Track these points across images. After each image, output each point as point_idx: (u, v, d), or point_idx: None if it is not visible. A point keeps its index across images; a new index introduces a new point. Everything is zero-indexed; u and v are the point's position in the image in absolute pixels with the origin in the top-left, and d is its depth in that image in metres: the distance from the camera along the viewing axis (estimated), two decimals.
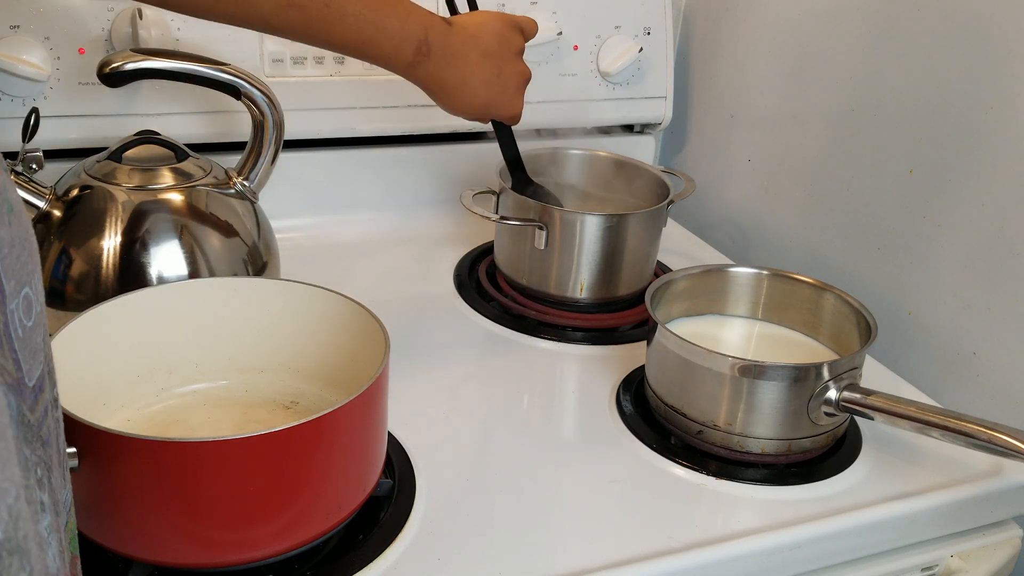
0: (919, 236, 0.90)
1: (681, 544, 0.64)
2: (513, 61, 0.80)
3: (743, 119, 1.13)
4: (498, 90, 0.79)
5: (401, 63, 0.72)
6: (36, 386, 0.34)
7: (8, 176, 0.33)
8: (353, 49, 0.70)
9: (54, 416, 0.36)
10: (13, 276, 0.32)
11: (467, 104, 0.78)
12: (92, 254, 0.76)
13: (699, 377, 0.71)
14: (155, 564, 0.56)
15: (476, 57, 0.76)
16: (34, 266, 0.34)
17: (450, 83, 0.75)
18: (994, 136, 0.82)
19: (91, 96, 0.90)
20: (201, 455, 0.52)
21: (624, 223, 0.91)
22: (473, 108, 0.79)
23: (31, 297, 0.34)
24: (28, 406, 0.33)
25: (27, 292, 0.33)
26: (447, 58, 0.74)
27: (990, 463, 0.73)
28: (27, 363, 0.33)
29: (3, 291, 0.32)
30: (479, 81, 0.77)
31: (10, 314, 0.32)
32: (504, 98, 0.80)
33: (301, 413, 0.68)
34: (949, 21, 0.85)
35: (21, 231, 0.33)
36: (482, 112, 0.80)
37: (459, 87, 0.76)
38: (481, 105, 0.79)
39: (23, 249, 0.33)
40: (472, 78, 0.76)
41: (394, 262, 1.02)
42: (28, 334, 0.33)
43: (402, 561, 0.60)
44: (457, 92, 0.76)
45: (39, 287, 0.35)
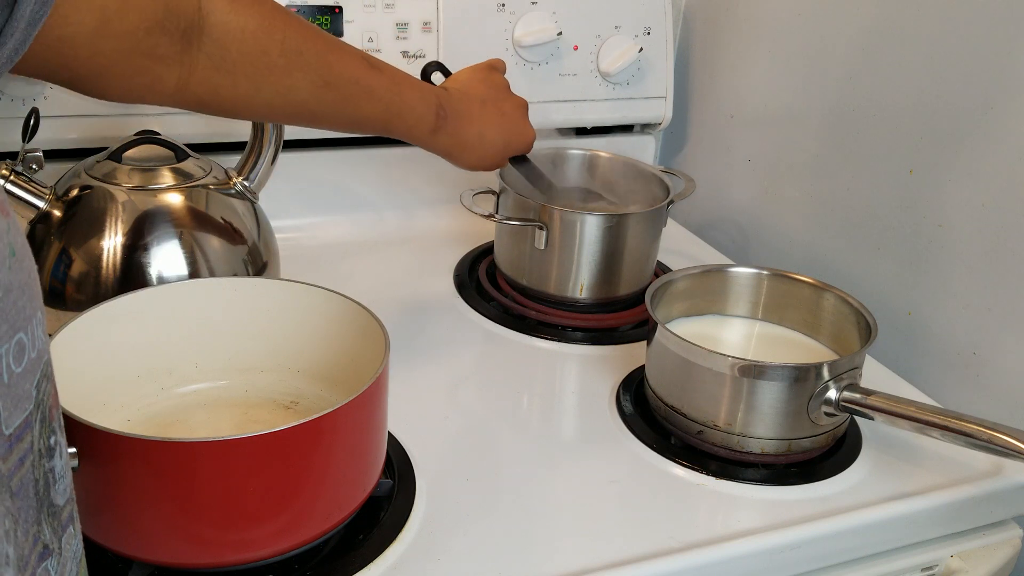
0: (919, 236, 0.90)
1: (681, 544, 0.64)
2: (507, 97, 0.84)
3: (743, 119, 1.13)
4: (509, 128, 0.83)
5: (425, 131, 0.76)
6: (13, 435, 0.33)
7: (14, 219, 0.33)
8: (382, 124, 0.73)
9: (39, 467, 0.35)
10: (6, 321, 0.32)
11: (489, 153, 0.82)
12: (92, 254, 0.76)
13: (699, 377, 0.71)
14: (155, 564, 0.56)
15: (478, 109, 0.80)
16: (33, 311, 0.33)
17: (469, 140, 0.80)
18: (994, 136, 0.82)
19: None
20: (201, 455, 0.52)
21: (624, 223, 0.91)
22: (495, 155, 0.83)
23: (24, 343, 0.33)
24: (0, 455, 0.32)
25: (20, 337, 0.33)
26: (459, 118, 0.78)
27: (990, 463, 0.73)
28: (7, 410, 0.32)
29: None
30: (491, 128, 0.81)
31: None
32: (516, 132, 0.84)
33: (301, 413, 0.68)
34: (949, 21, 0.85)
35: (22, 275, 0.33)
36: (503, 154, 0.84)
37: (477, 140, 0.80)
38: (501, 149, 0.83)
39: (22, 294, 0.32)
40: (484, 128, 0.80)
41: (394, 262, 1.02)
42: (15, 380, 0.33)
43: (402, 561, 0.60)
44: (477, 145, 0.80)
45: (38, 333, 0.34)
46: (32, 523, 0.35)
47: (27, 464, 0.34)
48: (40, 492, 0.35)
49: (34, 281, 0.34)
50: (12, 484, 0.33)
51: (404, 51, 1.01)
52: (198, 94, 0.62)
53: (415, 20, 1.01)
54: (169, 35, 0.58)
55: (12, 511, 0.33)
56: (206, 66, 0.61)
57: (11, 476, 0.33)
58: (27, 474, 0.34)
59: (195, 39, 0.60)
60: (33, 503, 0.35)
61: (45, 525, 0.36)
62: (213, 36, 0.61)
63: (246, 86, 0.63)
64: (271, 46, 0.63)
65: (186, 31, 0.59)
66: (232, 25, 0.61)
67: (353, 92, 0.69)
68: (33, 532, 0.35)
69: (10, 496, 0.33)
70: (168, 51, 0.59)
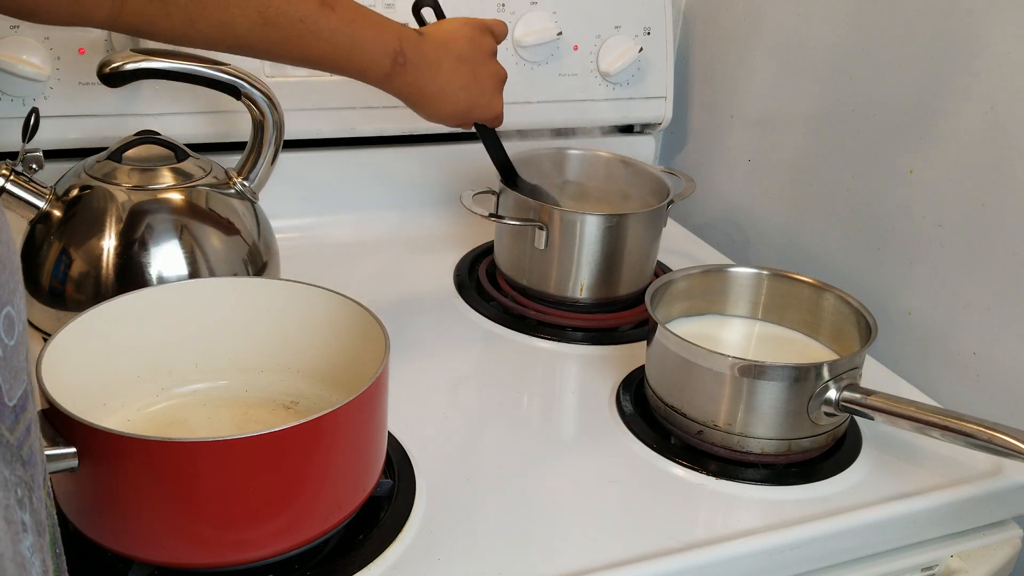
0: (919, 236, 0.90)
1: (681, 544, 0.64)
2: (487, 63, 0.81)
3: (743, 119, 1.13)
4: (476, 93, 0.80)
5: (378, 75, 0.73)
6: (17, 406, 0.33)
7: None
8: (329, 64, 0.70)
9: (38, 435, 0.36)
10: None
11: (447, 111, 0.79)
12: (92, 254, 0.76)
13: (699, 377, 0.71)
14: (155, 564, 0.56)
15: (451, 63, 0.77)
16: (16, 284, 0.34)
17: (428, 91, 0.76)
18: (994, 136, 0.82)
19: (91, 96, 0.90)
20: (201, 455, 0.52)
21: (624, 223, 0.91)
22: (454, 114, 0.80)
23: (12, 316, 0.33)
24: (7, 426, 0.33)
25: (8, 311, 0.33)
26: (423, 67, 0.75)
27: (990, 463, 0.73)
28: (7, 383, 0.33)
29: None
30: (456, 87, 0.78)
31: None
32: (483, 100, 0.81)
33: (301, 413, 0.68)
34: (949, 21, 0.85)
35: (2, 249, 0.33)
36: (464, 117, 0.81)
37: (437, 94, 0.77)
38: (462, 110, 0.80)
39: (3, 268, 0.33)
40: (449, 85, 0.77)
41: (394, 262, 1.02)
42: (9, 353, 0.33)
43: (402, 561, 0.60)
44: (435, 99, 0.77)
45: (21, 306, 0.34)
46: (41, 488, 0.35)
47: (33, 433, 0.34)
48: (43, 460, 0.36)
49: (13, 254, 0.34)
50: (23, 453, 0.33)
51: None
52: (132, 23, 0.61)
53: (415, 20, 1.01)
54: None
55: (25, 479, 0.33)
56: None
57: (20, 446, 0.33)
58: (35, 443, 0.35)
59: None
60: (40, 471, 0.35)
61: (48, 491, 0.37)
62: None
63: (180, 17, 0.62)
64: None
65: None
66: None
67: (297, 31, 0.66)
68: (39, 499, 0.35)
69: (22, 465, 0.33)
70: None
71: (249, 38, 0.65)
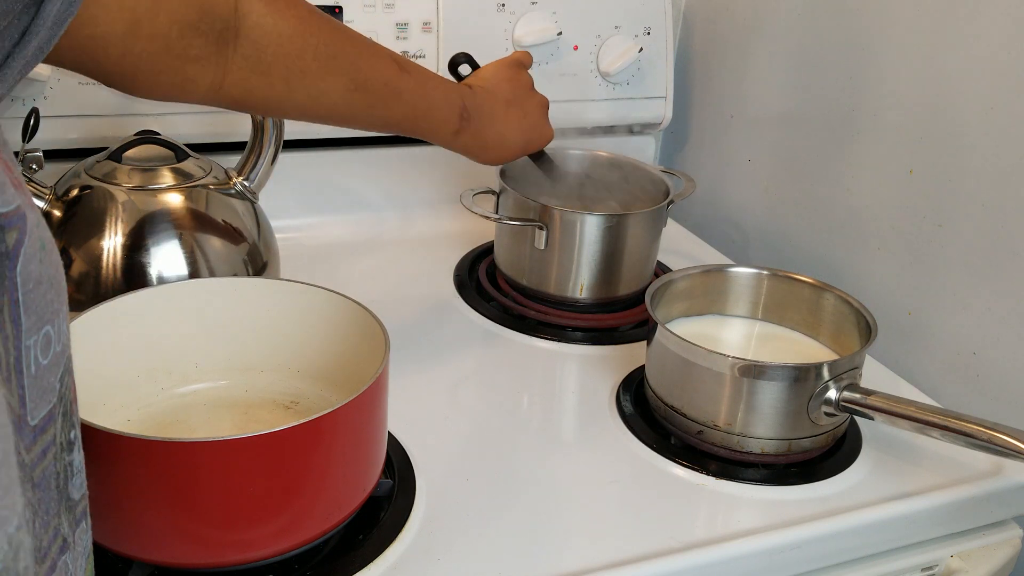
0: (919, 236, 0.90)
1: (681, 544, 0.64)
2: (530, 97, 0.85)
3: (743, 119, 1.13)
4: (528, 130, 0.84)
5: (448, 133, 0.77)
6: (38, 427, 0.33)
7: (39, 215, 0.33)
8: (409, 125, 0.74)
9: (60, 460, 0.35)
10: (35, 312, 0.32)
11: (509, 153, 0.84)
12: (92, 254, 0.76)
13: (699, 377, 0.71)
14: (155, 564, 0.56)
15: (502, 109, 0.81)
16: (60, 305, 0.34)
17: (490, 141, 0.81)
18: (994, 136, 0.82)
19: (91, 96, 0.90)
20: (201, 455, 0.52)
21: (624, 223, 0.91)
22: (514, 154, 0.85)
23: (51, 336, 0.33)
24: (25, 445, 0.32)
25: (48, 330, 0.33)
26: (482, 119, 0.79)
27: (990, 463, 0.73)
28: (33, 401, 0.33)
29: (20, 325, 0.31)
30: (512, 130, 0.82)
31: (25, 350, 0.32)
32: (536, 133, 0.86)
33: (301, 413, 0.68)
34: (949, 21, 0.85)
35: (51, 269, 0.33)
36: (522, 153, 0.86)
37: (498, 141, 0.82)
38: (520, 149, 0.85)
39: (51, 287, 0.33)
40: (506, 129, 0.82)
41: (394, 262, 1.02)
42: (41, 372, 0.33)
43: (402, 561, 0.60)
44: (497, 146, 0.82)
45: (63, 327, 0.34)
46: (53, 515, 0.35)
47: (49, 456, 0.34)
48: (60, 485, 0.35)
49: (61, 276, 0.34)
50: (34, 475, 0.33)
51: (404, 51, 1.01)
52: (232, 95, 0.63)
53: (415, 20, 1.01)
54: (204, 36, 0.58)
55: (32, 502, 0.33)
56: (241, 67, 0.61)
57: (33, 467, 0.33)
58: (49, 467, 0.34)
59: (231, 41, 0.60)
60: (54, 495, 0.35)
61: (64, 518, 0.36)
62: (250, 38, 0.61)
63: (280, 88, 0.63)
64: (306, 50, 0.63)
65: (222, 33, 0.59)
66: (269, 27, 0.61)
67: (382, 95, 0.69)
68: (54, 525, 0.35)
69: (32, 487, 0.33)
70: (202, 52, 0.59)
71: (340, 105, 0.68)
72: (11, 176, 0.31)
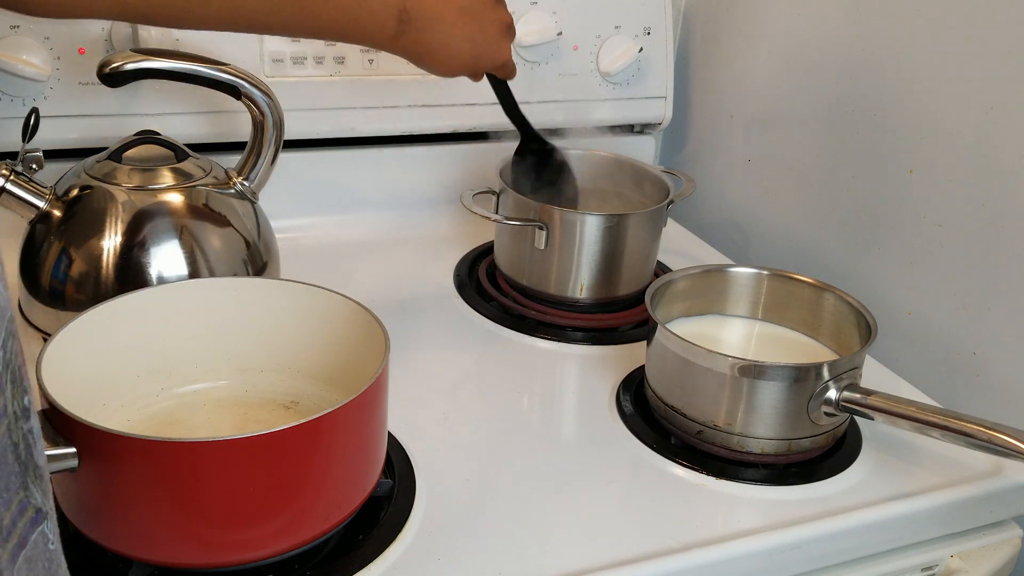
0: (919, 236, 0.90)
1: (681, 544, 0.63)
2: (492, 10, 0.79)
3: (743, 119, 1.13)
4: (481, 43, 0.78)
5: (385, 37, 0.71)
6: None
7: None
8: (340, 31, 0.69)
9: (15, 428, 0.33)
10: None
11: (453, 64, 0.77)
12: (92, 254, 0.76)
13: (699, 377, 0.71)
14: (155, 564, 0.56)
15: (453, 15, 0.75)
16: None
17: (433, 46, 0.74)
18: (994, 136, 0.82)
19: (91, 96, 0.90)
20: (201, 455, 0.52)
21: (624, 223, 0.91)
22: (460, 67, 0.78)
23: None
24: None
25: None
26: (426, 22, 0.73)
27: (990, 463, 0.73)
28: None
29: None
30: (460, 39, 0.76)
31: None
32: (489, 50, 0.79)
33: (301, 413, 0.68)
34: (949, 21, 0.85)
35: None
36: (471, 68, 0.79)
37: (441, 49, 0.75)
38: (467, 62, 0.78)
39: None
40: (452, 38, 0.75)
41: (394, 262, 1.02)
42: None
43: (402, 561, 0.60)
44: (441, 54, 0.76)
45: None
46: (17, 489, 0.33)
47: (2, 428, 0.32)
48: (22, 456, 0.34)
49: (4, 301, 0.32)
50: None
51: None
52: (137, 7, 0.59)
53: None
54: None
55: None
56: None
57: None
58: (4, 439, 0.32)
59: None
60: (16, 468, 0.33)
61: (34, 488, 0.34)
62: None
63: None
64: None
65: None
66: None
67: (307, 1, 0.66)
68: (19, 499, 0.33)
69: None
70: None
71: (260, 14, 0.64)
72: None
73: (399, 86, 1.02)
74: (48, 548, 0.35)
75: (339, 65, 0.99)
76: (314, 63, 0.98)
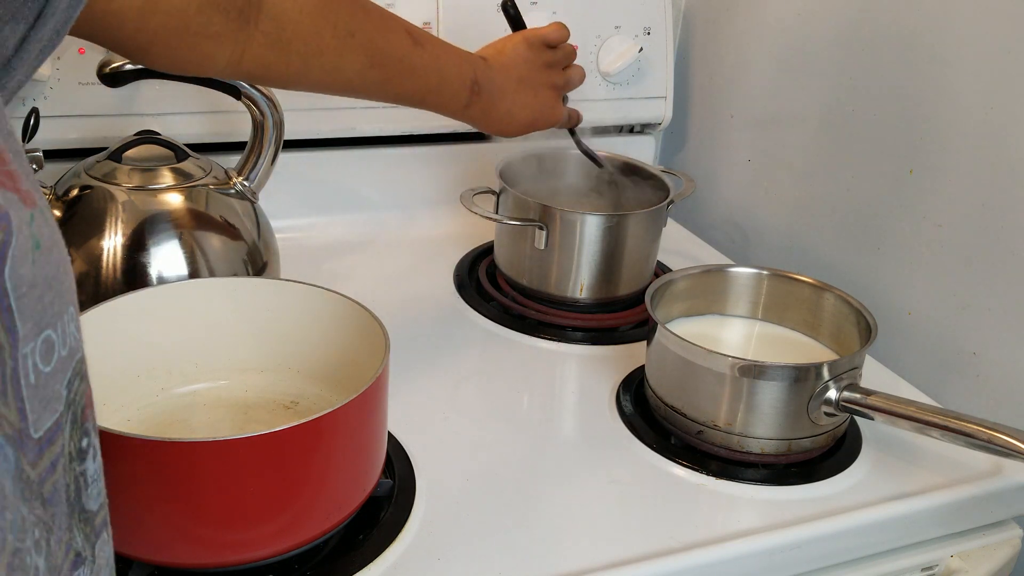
0: (919, 236, 0.90)
1: (681, 544, 0.63)
2: (545, 76, 0.85)
3: (743, 119, 1.13)
4: (537, 109, 0.84)
5: (458, 106, 0.77)
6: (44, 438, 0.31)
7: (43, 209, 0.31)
8: (419, 99, 0.74)
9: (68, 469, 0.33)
10: (31, 318, 0.29)
11: (514, 130, 0.84)
12: (92, 254, 0.76)
13: (699, 377, 0.71)
14: (155, 564, 0.56)
15: (513, 87, 0.82)
16: (63, 307, 0.31)
17: (498, 116, 0.81)
18: (994, 136, 0.82)
19: (91, 96, 0.90)
20: (201, 455, 0.52)
21: (624, 223, 0.91)
22: (520, 130, 0.85)
23: (54, 340, 0.31)
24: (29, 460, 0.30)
25: (49, 335, 0.30)
26: (493, 94, 0.79)
27: (990, 463, 0.73)
28: (35, 412, 0.30)
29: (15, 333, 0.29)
30: (519, 107, 0.83)
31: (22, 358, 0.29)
32: (544, 113, 0.86)
33: (301, 413, 0.68)
34: (948, 21, 0.85)
35: (49, 269, 0.30)
36: (529, 130, 0.86)
37: (505, 117, 0.82)
38: (525, 125, 0.85)
39: (48, 289, 0.30)
40: (514, 106, 0.82)
41: (394, 262, 1.02)
42: (44, 381, 0.30)
43: (402, 561, 0.60)
44: (504, 122, 0.82)
45: (71, 329, 0.32)
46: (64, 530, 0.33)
47: (59, 469, 0.32)
48: (71, 497, 0.34)
49: (64, 274, 0.32)
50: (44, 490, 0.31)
51: None
52: (249, 70, 0.63)
53: (415, 20, 1.00)
54: (224, 13, 0.58)
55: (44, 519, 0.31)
56: (260, 44, 0.61)
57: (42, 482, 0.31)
58: (59, 479, 0.32)
59: (252, 18, 0.60)
60: (65, 509, 0.33)
61: (77, 532, 0.34)
62: (271, 15, 0.61)
63: (297, 65, 0.64)
64: (325, 27, 0.64)
65: (243, 10, 0.59)
66: (289, 4, 0.62)
67: (397, 71, 0.70)
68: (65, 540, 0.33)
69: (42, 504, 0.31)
70: (222, 29, 0.58)
71: (356, 81, 0.68)
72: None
73: None
74: None
75: None
76: None
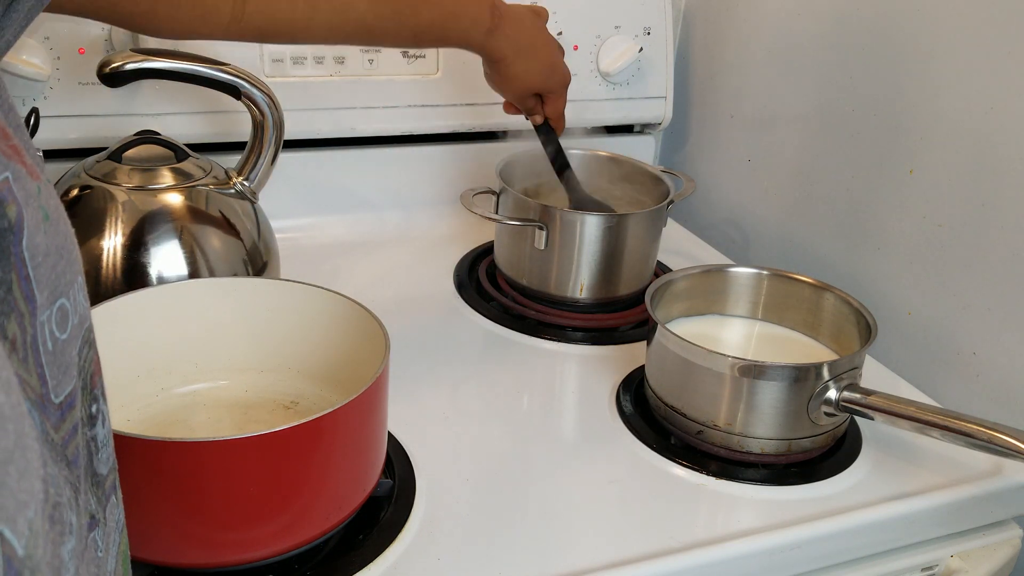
0: (919, 236, 0.90)
1: (681, 544, 0.64)
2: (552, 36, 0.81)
3: (743, 119, 1.13)
4: (556, 49, 0.80)
5: (481, 32, 0.73)
6: (64, 403, 0.32)
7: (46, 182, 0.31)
8: (439, 29, 0.70)
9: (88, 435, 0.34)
10: (47, 287, 0.30)
11: (538, 65, 0.79)
12: (92, 254, 0.76)
13: (699, 377, 0.71)
14: (155, 564, 0.56)
15: (530, 19, 0.77)
16: (73, 276, 0.32)
17: (523, 46, 0.76)
18: (994, 136, 0.82)
19: (91, 96, 0.90)
20: (201, 455, 0.52)
21: (624, 223, 0.91)
22: (539, 72, 0.79)
23: (67, 308, 0.32)
24: (52, 424, 0.31)
25: (63, 303, 0.31)
26: (514, 20, 0.75)
27: (990, 463, 0.73)
28: (54, 378, 0.31)
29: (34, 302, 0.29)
30: (542, 41, 0.78)
31: (40, 326, 0.30)
32: (559, 63, 0.81)
33: (301, 413, 0.68)
34: (949, 21, 0.85)
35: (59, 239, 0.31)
36: (545, 79, 0.80)
37: (530, 48, 0.77)
38: (547, 69, 0.79)
39: (60, 258, 0.31)
40: (536, 39, 0.77)
41: (394, 262, 1.02)
42: (60, 347, 0.31)
43: (402, 561, 0.60)
44: (529, 54, 0.77)
45: (80, 298, 0.33)
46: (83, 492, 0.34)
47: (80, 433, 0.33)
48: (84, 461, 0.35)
49: (72, 244, 0.32)
50: (68, 453, 0.32)
51: (404, 51, 1.01)
52: (255, 23, 0.61)
53: None
54: None
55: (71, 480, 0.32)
56: None
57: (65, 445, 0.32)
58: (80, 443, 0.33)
59: None
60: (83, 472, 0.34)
61: (90, 495, 0.35)
62: None
63: (303, 8, 0.62)
64: None
65: None
66: None
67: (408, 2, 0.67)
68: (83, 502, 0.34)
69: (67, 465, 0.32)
70: None
71: (367, 17, 0.65)
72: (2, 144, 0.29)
73: (399, 86, 1.02)
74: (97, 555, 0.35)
75: (339, 65, 0.99)
76: (314, 63, 0.98)
